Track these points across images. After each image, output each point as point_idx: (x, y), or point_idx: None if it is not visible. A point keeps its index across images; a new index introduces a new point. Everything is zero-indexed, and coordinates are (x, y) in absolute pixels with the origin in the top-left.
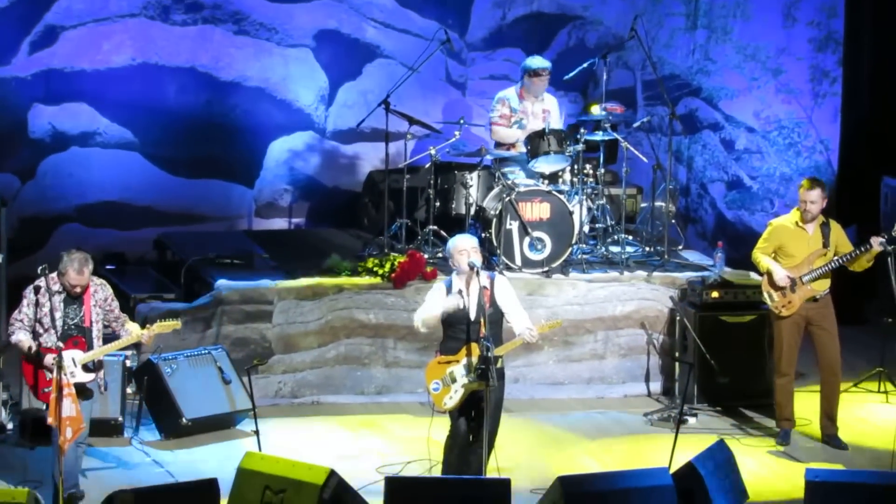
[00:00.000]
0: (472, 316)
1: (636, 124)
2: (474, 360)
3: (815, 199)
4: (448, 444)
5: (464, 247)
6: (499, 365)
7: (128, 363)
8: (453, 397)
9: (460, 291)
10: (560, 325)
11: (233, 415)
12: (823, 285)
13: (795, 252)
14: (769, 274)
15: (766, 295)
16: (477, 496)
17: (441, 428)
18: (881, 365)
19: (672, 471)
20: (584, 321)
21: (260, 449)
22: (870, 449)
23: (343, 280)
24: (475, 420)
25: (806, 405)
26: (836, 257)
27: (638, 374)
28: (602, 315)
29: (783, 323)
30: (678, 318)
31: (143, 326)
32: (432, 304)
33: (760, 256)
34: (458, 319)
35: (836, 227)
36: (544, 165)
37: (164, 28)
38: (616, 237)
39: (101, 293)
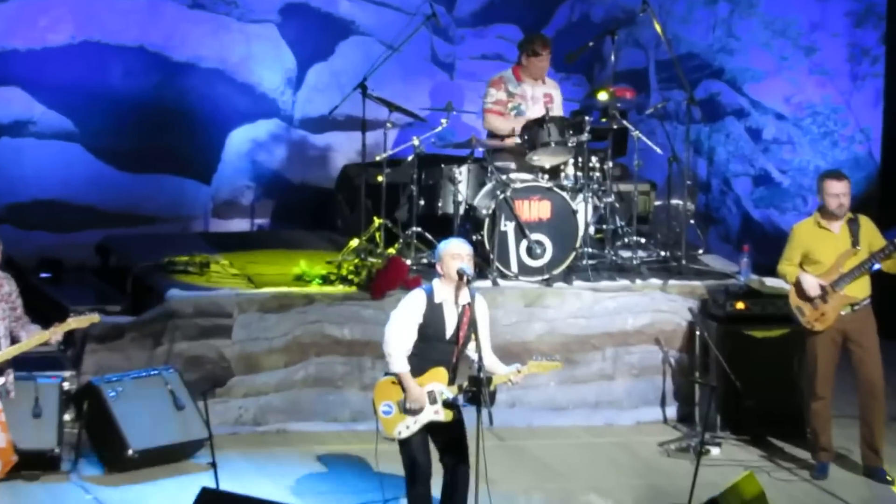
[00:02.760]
0: (449, 334)
1: (649, 111)
2: (443, 387)
3: (847, 190)
4: (408, 481)
5: (459, 251)
6: (492, 387)
7: (66, 386)
8: (410, 426)
9: (442, 302)
10: (559, 367)
11: (186, 445)
12: (861, 291)
13: (822, 257)
14: (797, 284)
15: (795, 310)
16: None
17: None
18: None
19: None
20: (590, 337)
21: (217, 485)
22: None
23: (313, 289)
24: (445, 454)
25: (846, 433)
26: (870, 256)
27: (652, 398)
28: (611, 329)
29: (817, 339)
30: (698, 332)
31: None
32: (408, 327)
33: (787, 268)
34: (431, 335)
35: (866, 223)
36: (544, 158)
37: (108, 1)
38: (626, 240)
39: (6, 287)
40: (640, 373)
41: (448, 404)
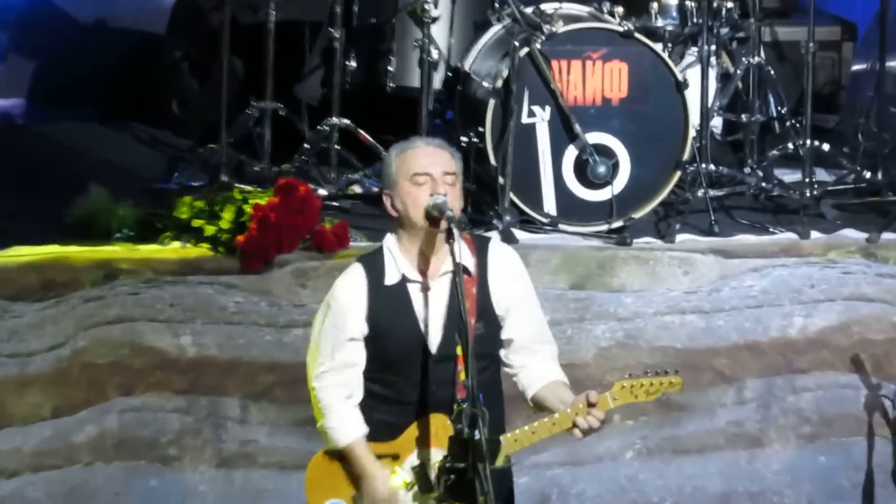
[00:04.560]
0: (436, 345)
1: None
2: (440, 455)
3: None
4: None
5: (423, 166)
6: (500, 462)
7: None
8: None
9: (404, 281)
10: (679, 387)
11: None
12: None
13: None
14: None
15: None
16: None
17: None
18: None
19: None
20: (710, 353)
21: None
22: None
23: (118, 251)
24: None
25: None
26: None
27: (847, 486)
28: (756, 338)
29: None
30: None
31: None
32: (344, 348)
33: None
34: (396, 351)
35: None
36: None
37: None
38: (791, 146)
39: None
40: (819, 430)
41: (457, 485)
